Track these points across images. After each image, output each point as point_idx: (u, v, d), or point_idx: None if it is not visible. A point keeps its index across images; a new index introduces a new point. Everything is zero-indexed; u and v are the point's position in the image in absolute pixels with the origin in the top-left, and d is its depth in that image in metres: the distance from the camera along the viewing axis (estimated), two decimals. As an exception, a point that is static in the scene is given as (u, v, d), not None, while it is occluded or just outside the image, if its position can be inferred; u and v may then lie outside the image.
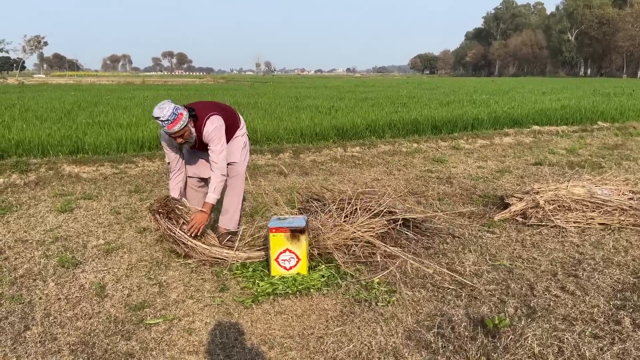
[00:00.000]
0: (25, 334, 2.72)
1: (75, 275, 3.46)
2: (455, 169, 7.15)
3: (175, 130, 3.53)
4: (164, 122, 3.46)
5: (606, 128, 11.37)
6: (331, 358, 2.54)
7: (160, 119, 3.45)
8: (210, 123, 3.69)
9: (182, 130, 3.57)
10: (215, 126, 3.69)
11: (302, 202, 4.77)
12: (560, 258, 3.80)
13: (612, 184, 5.17)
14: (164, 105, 3.48)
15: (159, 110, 3.45)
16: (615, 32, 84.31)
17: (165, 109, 3.45)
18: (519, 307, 3.02)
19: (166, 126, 3.48)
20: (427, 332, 2.75)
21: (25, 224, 4.52)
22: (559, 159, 7.96)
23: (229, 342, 2.68)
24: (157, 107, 3.48)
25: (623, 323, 2.79)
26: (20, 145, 7.30)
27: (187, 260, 3.73)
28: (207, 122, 3.68)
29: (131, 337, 2.72)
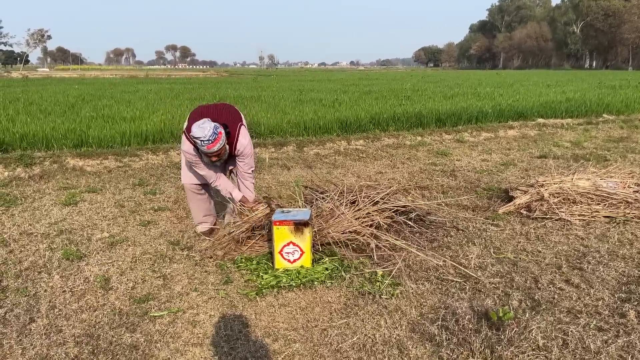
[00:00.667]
0: (31, 326, 2.74)
1: (79, 268, 3.48)
2: (459, 162, 7.13)
3: (215, 150, 3.45)
4: (205, 142, 3.36)
5: (611, 121, 11.31)
6: (335, 350, 2.54)
7: (202, 139, 3.35)
8: (242, 138, 3.70)
9: (221, 149, 3.52)
10: (248, 140, 3.76)
11: (305, 195, 4.77)
12: (564, 251, 3.79)
13: (618, 177, 5.14)
14: (204, 125, 3.37)
15: (200, 130, 3.35)
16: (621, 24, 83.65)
17: (206, 128, 3.36)
18: (523, 300, 3.01)
19: (206, 146, 3.38)
20: (431, 324, 2.75)
21: (30, 217, 4.54)
22: (563, 151, 7.92)
23: (233, 335, 2.69)
24: (197, 126, 3.37)
25: (628, 316, 2.78)
26: (25, 138, 7.32)
27: (190, 253, 3.74)
28: (239, 136, 3.66)
29: (136, 329, 2.73)
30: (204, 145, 3.39)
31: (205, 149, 3.41)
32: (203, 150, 3.46)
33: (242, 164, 3.82)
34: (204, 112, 3.74)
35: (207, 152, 3.47)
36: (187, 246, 3.91)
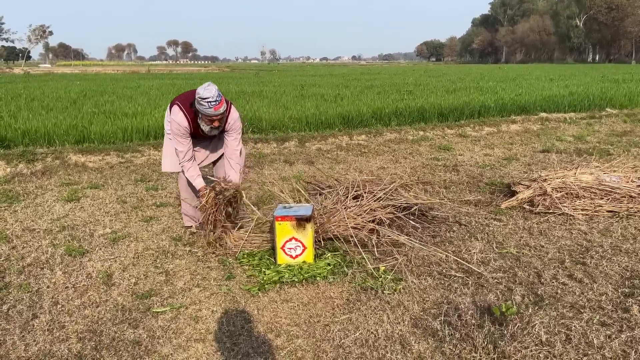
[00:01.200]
0: (34, 322, 2.74)
1: (82, 264, 3.48)
2: (461, 157, 7.11)
3: (221, 112, 3.51)
4: (213, 102, 3.42)
5: (615, 115, 11.25)
6: (338, 346, 2.54)
7: (209, 99, 3.40)
8: (234, 111, 3.73)
9: (223, 113, 3.57)
10: (238, 115, 3.80)
11: (307, 191, 4.76)
12: (567, 246, 3.77)
13: (621, 171, 5.12)
14: (209, 86, 3.43)
15: (207, 91, 3.40)
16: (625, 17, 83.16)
17: (212, 90, 3.42)
18: (526, 295, 3.00)
19: (214, 107, 3.43)
20: (434, 320, 2.74)
21: (32, 213, 4.54)
22: (566, 146, 7.89)
23: (236, 330, 2.69)
24: (203, 88, 3.43)
25: (631, 311, 2.77)
26: (27, 134, 7.33)
27: (193, 249, 3.74)
28: (230, 109, 3.69)
29: (138, 325, 2.73)
30: (211, 105, 3.42)
31: (212, 110, 3.44)
32: (208, 113, 3.47)
33: (232, 139, 3.83)
34: (184, 93, 3.82)
35: (213, 114, 3.48)
36: (189, 242, 3.91)
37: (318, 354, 2.48)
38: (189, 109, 3.65)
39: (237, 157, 3.89)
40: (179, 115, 3.65)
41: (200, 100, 3.43)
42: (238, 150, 3.87)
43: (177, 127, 3.67)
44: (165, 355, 2.47)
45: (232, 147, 3.85)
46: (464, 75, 27.00)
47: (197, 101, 3.47)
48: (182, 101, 3.70)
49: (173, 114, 3.69)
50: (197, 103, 3.49)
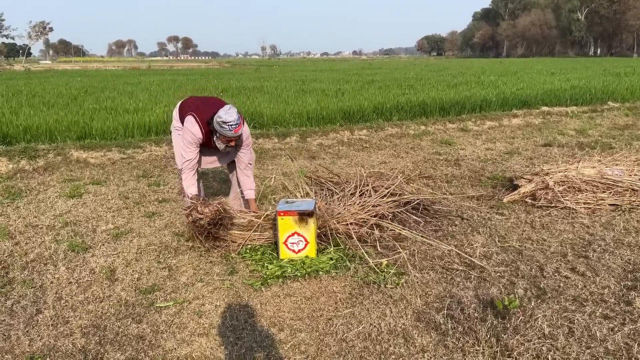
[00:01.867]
0: (38, 318, 2.75)
1: (85, 260, 3.49)
2: (463, 151, 7.10)
3: (240, 134, 3.62)
4: (234, 125, 3.51)
5: (616, 108, 11.23)
6: (341, 340, 2.55)
7: (231, 123, 3.49)
8: (245, 127, 3.81)
9: (242, 135, 3.69)
10: (249, 131, 3.95)
11: (309, 186, 4.76)
12: (570, 239, 3.77)
13: (623, 165, 5.11)
14: (231, 110, 3.53)
15: (229, 115, 3.50)
16: (626, 10, 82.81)
17: (233, 114, 3.51)
18: (528, 288, 3.01)
19: (234, 129, 3.52)
20: (437, 313, 2.75)
21: (35, 209, 4.55)
22: (568, 139, 7.88)
23: (239, 325, 2.70)
24: (225, 112, 3.51)
25: (634, 303, 2.77)
26: (28, 131, 7.33)
27: (195, 244, 3.74)
28: (243, 125, 3.73)
29: (142, 320, 2.74)
30: (232, 128, 3.51)
31: (232, 132, 3.53)
32: (228, 135, 3.56)
33: (243, 154, 3.95)
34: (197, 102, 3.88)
35: (231, 136, 3.57)
36: (191, 237, 3.91)
37: (321, 348, 2.48)
38: (205, 125, 3.69)
39: (251, 170, 4.03)
40: (195, 127, 3.70)
41: (221, 124, 3.51)
42: (251, 163, 4.02)
43: (191, 137, 3.71)
44: (169, 349, 2.48)
45: (246, 160, 3.97)
46: (465, 70, 26.92)
47: (218, 124, 3.53)
48: (198, 114, 3.73)
49: (189, 123, 3.72)
50: (218, 125, 3.55)
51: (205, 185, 4.57)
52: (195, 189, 3.80)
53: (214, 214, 3.46)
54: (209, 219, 3.44)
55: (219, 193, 5.07)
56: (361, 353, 2.44)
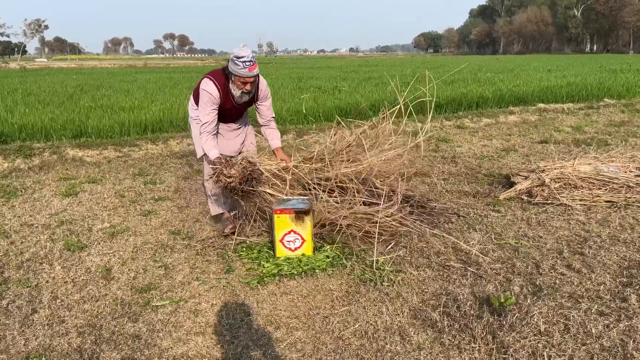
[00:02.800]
0: (33, 317, 2.74)
1: (81, 259, 3.48)
2: (460, 148, 7.11)
3: (255, 73, 3.51)
4: (248, 62, 3.41)
5: (612, 105, 11.25)
6: (337, 338, 2.55)
7: (244, 59, 3.39)
8: (262, 79, 3.74)
9: (256, 76, 3.59)
10: (266, 85, 3.87)
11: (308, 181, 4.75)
12: (566, 236, 3.78)
13: (619, 161, 5.12)
14: (244, 47, 3.43)
15: (242, 50, 3.40)
16: (622, 7, 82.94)
17: (247, 50, 3.41)
18: (524, 285, 3.01)
19: (248, 67, 3.43)
20: (433, 311, 2.75)
21: (30, 208, 4.53)
22: (564, 136, 7.89)
23: (235, 323, 2.69)
24: (239, 48, 3.42)
25: (629, 300, 2.78)
26: (24, 129, 7.30)
27: (191, 242, 3.74)
28: (260, 77, 3.68)
29: (138, 319, 2.74)
30: (246, 66, 3.41)
31: (247, 70, 3.43)
32: (242, 74, 3.45)
33: (265, 107, 3.87)
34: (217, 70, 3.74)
35: (247, 75, 3.46)
36: (188, 236, 3.91)
37: (317, 346, 2.48)
38: (220, 78, 3.60)
39: (274, 123, 3.99)
40: (209, 85, 3.59)
41: (235, 60, 3.41)
42: (273, 117, 3.97)
43: (208, 96, 3.58)
44: (165, 348, 2.48)
45: (268, 114, 3.92)
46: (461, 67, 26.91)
47: (232, 61, 3.44)
48: (212, 74, 3.67)
49: (203, 84, 3.61)
50: (232, 63, 3.46)
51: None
52: (217, 151, 3.61)
53: (242, 171, 3.36)
54: (238, 179, 3.33)
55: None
56: (357, 351, 2.44)
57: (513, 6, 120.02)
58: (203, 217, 4.32)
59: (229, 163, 3.41)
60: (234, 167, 3.36)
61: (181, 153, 6.79)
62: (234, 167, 3.36)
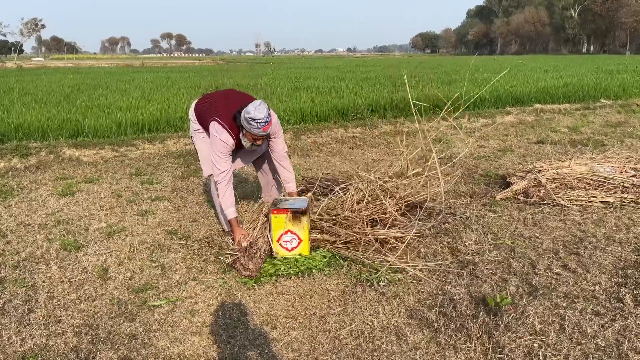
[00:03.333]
0: (29, 317, 2.74)
1: (77, 259, 3.48)
2: (456, 149, 7.12)
3: (268, 132, 3.43)
4: (263, 123, 3.29)
5: (609, 105, 11.28)
6: (334, 337, 2.55)
7: (260, 120, 3.27)
8: (273, 116, 3.56)
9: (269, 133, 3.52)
10: (277, 119, 3.69)
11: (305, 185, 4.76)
12: (562, 236, 3.80)
13: (615, 162, 5.14)
14: (261, 106, 3.30)
15: (259, 112, 3.27)
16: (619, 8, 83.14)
17: (263, 110, 3.29)
18: (520, 285, 3.02)
19: (262, 127, 3.31)
20: (429, 311, 2.76)
21: (26, 208, 4.53)
22: (561, 137, 7.92)
23: (232, 323, 2.70)
24: (255, 108, 3.28)
25: (624, 300, 2.80)
26: (20, 129, 7.29)
27: (188, 242, 3.74)
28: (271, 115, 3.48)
29: (134, 318, 2.74)
30: (260, 126, 3.30)
31: (261, 130, 3.33)
32: (256, 133, 3.35)
33: (275, 144, 3.73)
34: (215, 102, 3.61)
35: (260, 134, 3.37)
36: (185, 235, 3.91)
37: (314, 346, 2.49)
38: (232, 124, 3.46)
39: (287, 159, 3.82)
40: (224, 135, 3.45)
41: (250, 120, 3.29)
42: (286, 152, 3.80)
43: (223, 146, 3.46)
44: (162, 348, 2.48)
45: (279, 151, 3.75)
46: (458, 67, 26.98)
47: (246, 120, 3.31)
48: (221, 116, 3.48)
49: (216, 132, 3.46)
50: (246, 121, 3.32)
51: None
52: (234, 210, 3.51)
53: (258, 268, 3.24)
54: (254, 274, 3.20)
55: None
56: (354, 350, 2.44)
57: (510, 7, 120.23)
58: (200, 217, 4.32)
59: (248, 253, 3.29)
60: (252, 260, 3.24)
61: (178, 153, 6.79)
62: (252, 261, 3.24)
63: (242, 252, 3.28)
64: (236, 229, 3.49)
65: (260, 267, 3.25)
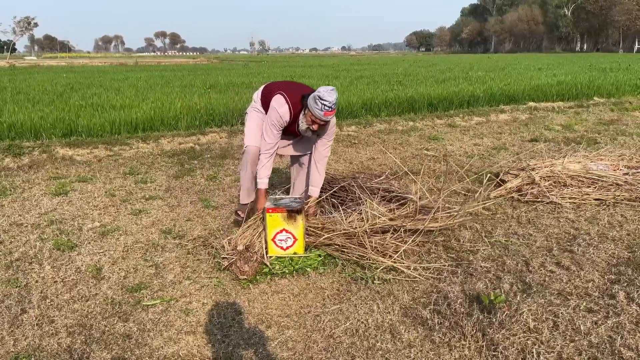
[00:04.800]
0: (22, 317, 2.72)
1: (71, 258, 3.46)
2: (451, 147, 7.13)
3: (329, 119, 3.40)
4: (328, 107, 3.28)
5: (602, 103, 11.34)
6: (328, 336, 2.55)
7: (327, 103, 3.27)
8: (333, 118, 3.54)
9: (329, 122, 3.48)
10: (335, 122, 3.68)
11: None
12: (555, 234, 3.81)
13: (608, 160, 5.17)
14: (333, 91, 3.29)
15: (329, 95, 3.27)
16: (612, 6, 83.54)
17: (333, 96, 3.28)
18: (514, 283, 3.03)
19: (325, 112, 3.30)
20: (424, 309, 2.76)
21: (19, 208, 4.50)
22: (554, 135, 7.95)
23: (227, 322, 2.69)
24: (327, 90, 3.28)
25: (617, 297, 2.81)
26: (13, 128, 7.24)
27: (182, 242, 3.73)
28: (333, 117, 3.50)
29: (128, 318, 2.73)
30: (325, 109, 3.28)
31: (323, 114, 3.30)
32: (318, 115, 3.31)
33: (322, 145, 3.70)
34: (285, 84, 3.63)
35: (320, 118, 3.34)
36: (179, 235, 3.90)
37: (309, 345, 2.49)
38: (296, 102, 3.47)
39: (325, 163, 3.79)
40: (284, 107, 3.47)
41: (317, 99, 3.28)
42: (327, 157, 3.77)
43: (278, 119, 3.48)
44: (156, 347, 2.47)
45: (322, 150, 3.73)
46: (453, 65, 27.04)
47: (315, 97, 3.30)
48: (288, 92, 3.51)
49: (277, 102, 3.48)
50: (313, 99, 3.31)
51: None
52: (267, 182, 3.63)
53: (254, 271, 3.22)
54: (249, 277, 3.18)
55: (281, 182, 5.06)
56: (348, 349, 2.44)
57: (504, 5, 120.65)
58: (194, 216, 4.31)
59: (244, 255, 3.26)
60: (248, 263, 3.22)
61: (172, 152, 6.77)
62: (249, 264, 3.22)
63: (237, 256, 3.27)
64: (262, 198, 3.56)
65: (257, 270, 3.24)
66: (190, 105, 9.23)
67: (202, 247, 3.65)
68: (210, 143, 7.29)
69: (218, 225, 4.06)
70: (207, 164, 6.16)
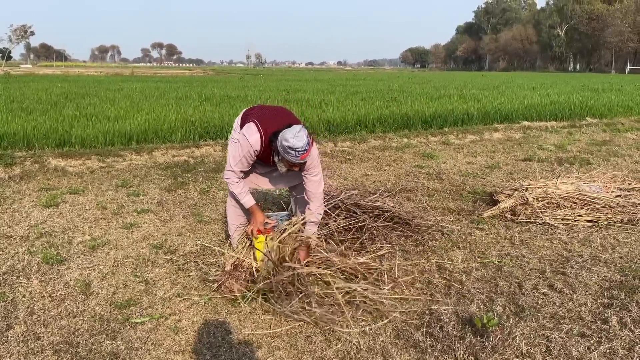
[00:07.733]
0: (8, 333, 2.67)
1: (59, 273, 3.41)
2: (445, 165, 7.15)
3: (306, 161, 3.10)
4: (301, 152, 2.97)
5: (595, 124, 11.44)
6: (319, 357, 2.52)
7: (298, 149, 2.96)
8: (314, 149, 3.23)
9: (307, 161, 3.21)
10: (317, 152, 3.37)
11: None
12: (548, 255, 3.81)
13: (600, 181, 5.20)
14: (300, 133, 2.98)
15: (298, 140, 2.95)
16: (605, 27, 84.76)
17: (303, 139, 2.96)
18: (507, 305, 3.02)
19: (300, 156, 2.99)
20: (416, 331, 2.74)
21: (9, 219, 4.44)
22: (548, 154, 7.99)
23: (216, 342, 2.65)
24: (294, 135, 2.96)
25: (610, 322, 2.80)
26: (5, 137, 7.18)
27: (173, 257, 3.69)
28: (312, 146, 3.14)
29: (116, 336, 2.68)
30: (299, 155, 2.98)
31: (299, 159, 3.01)
32: (293, 161, 3.05)
33: (310, 182, 3.35)
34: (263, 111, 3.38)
35: (297, 162, 3.07)
36: (170, 250, 3.86)
37: (299, 366, 2.45)
38: (267, 140, 3.17)
39: (320, 201, 3.41)
40: (254, 136, 3.17)
41: (287, 149, 2.97)
42: (321, 191, 3.40)
43: (247, 146, 3.18)
44: (144, 367, 2.43)
45: (313, 189, 3.36)
46: (447, 83, 27.25)
47: (283, 147, 2.99)
48: (261, 123, 3.21)
49: (248, 130, 3.20)
50: (282, 148, 3.01)
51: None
52: (250, 197, 3.35)
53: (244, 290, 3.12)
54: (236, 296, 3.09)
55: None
56: (339, 372, 2.41)
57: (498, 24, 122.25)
58: (186, 230, 4.27)
59: (233, 274, 3.17)
60: (238, 283, 3.12)
61: (166, 164, 6.73)
62: (238, 283, 3.11)
63: (226, 276, 3.22)
64: (257, 213, 3.34)
65: (246, 289, 3.19)
66: (185, 118, 9.21)
67: (194, 263, 3.61)
68: (205, 156, 7.27)
69: (210, 241, 4.03)
70: (200, 177, 6.13)
